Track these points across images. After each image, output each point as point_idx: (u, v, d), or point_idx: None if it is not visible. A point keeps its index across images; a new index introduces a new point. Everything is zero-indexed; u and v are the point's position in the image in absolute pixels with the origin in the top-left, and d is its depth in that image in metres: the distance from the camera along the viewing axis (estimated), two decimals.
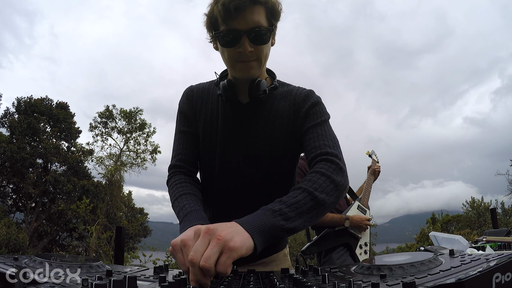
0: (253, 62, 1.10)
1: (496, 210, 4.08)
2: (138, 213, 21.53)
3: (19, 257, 0.86)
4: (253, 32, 1.04)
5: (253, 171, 1.22)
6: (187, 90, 1.30)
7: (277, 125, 1.20)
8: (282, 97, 1.23)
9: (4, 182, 18.37)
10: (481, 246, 2.08)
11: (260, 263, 1.29)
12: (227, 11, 1.00)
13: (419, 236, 15.36)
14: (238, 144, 1.21)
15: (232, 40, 1.05)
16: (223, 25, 1.05)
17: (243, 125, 1.21)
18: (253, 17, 1.03)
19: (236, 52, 1.07)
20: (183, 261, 0.77)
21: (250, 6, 1.02)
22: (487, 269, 0.61)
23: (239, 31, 1.04)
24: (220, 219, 1.24)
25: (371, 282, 0.65)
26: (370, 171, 3.05)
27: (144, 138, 20.18)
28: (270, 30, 1.08)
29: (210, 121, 1.23)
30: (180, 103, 1.30)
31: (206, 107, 1.25)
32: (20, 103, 19.00)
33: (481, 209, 15.95)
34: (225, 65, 1.19)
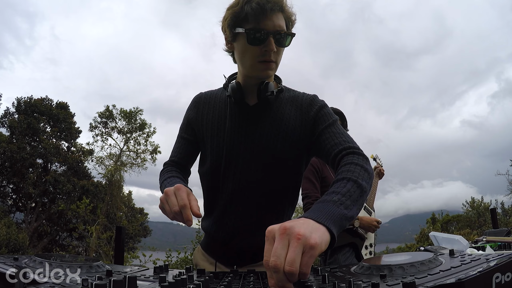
0: (272, 63, 1.16)
1: (496, 210, 4.08)
2: (138, 213, 21.52)
3: (19, 257, 0.86)
4: (278, 34, 1.12)
5: (259, 171, 1.24)
6: (195, 97, 1.38)
7: (283, 128, 1.23)
8: (288, 102, 1.27)
9: (4, 182, 18.37)
10: (481, 246, 2.08)
11: (260, 264, 1.28)
12: (263, 11, 1.08)
13: (419, 236, 15.35)
14: (245, 144, 1.24)
15: (260, 38, 1.11)
16: (251, 24, 1.11)
17: (251, 126, 1.24)
18: (279, 21, 1.12)
19: (260, 51, 1.13)
20: (169, 210, 0.96)
21: (277, 11, 1.12)
22: (487, 269, 0.61)
23: (267, 31, 1.10)
24: (225, 218, 1.29)
25: (371, 282, 0.65)
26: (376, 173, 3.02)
27: (144, 138, 20.18)
28: (292, 35, 1.16)
29: (218, 123, 1.28)
30: (187, 109, 1.38)
31: (214, 111, 1.31)
32: (20, 103, 19.00)
33: (481, 209, 15.94)
34: (240, 65, 1.23)
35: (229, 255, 1.30)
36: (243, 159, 1.24)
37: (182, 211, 0.95)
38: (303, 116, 1.24)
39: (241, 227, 1.26)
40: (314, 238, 0.69)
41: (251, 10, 1.08)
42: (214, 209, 1.31)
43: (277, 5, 1.11)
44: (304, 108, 1.25)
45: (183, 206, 0.95)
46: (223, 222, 1.28)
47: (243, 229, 1.27)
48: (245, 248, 1.28)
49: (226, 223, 1.28)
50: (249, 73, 1.21)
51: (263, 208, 1.26)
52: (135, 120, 19.95)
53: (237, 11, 1.12)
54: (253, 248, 1.26)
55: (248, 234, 1.26)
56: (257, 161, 1.23)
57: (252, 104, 1.25)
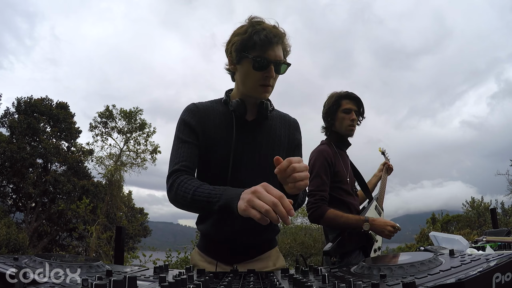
0: (270, 87, 1.34)
1: (496, 210, 4.07)
2: (138, 213, 21.51)
3: (19, 257, 0.87)
4: (278, 64, 1.30)
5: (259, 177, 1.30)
6: (191, 106, 1.42)
7: (276, 140, 1.45)
8: (277, 119, 1.50)
9: (4, 182, 18.36)
10: (481, 246, 2.07)
11: (257, 260, 1.44)
12: (269, 42, 1.26)
13: (419, 236, 15.34)
14: (248, 154, 1.38)
15: (264, 65, 1.28)
16: (257, 52, 1.27)
17: (251, 138, 1.40)
18: (279, 52, 1.31)
19: (262, 76, 1.30)
20: (261, 206, 0.92)
21: (279, 43, 1.30)
22: (487, 269, 0.61)
23: (269, 60, 1.28)
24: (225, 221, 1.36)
25: (371, 282, 0.65)
26: (384, 169, 2.78)
27: (144, 138, 20.16)
28: (288, 65, 1.34)
29: (221, 134, 1.37)
30: (183, 116, 1.40)
31: (214, 122, 1.39)
32: (20, 103, 18.98)
33: (481, 209, 15.93)
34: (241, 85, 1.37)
35: (227, 254, 1.40)
36: (246, 168, 1.37)
37: (274, 208, 0.90)
38: (290, 134, 1.50)
39: (240, 230, 1.37)
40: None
41: (259, 40, 1.25)
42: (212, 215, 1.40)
43: (280, 39, 1.30)
44: (292, 128, 1.52)
45: (275, 203, 0.91)
46: (222, 225, 1.37)
47: (241, 231, 1.37)
48: (242, 247, 1.41)
49: (226, 226, 1.36)
50: (249, 94, 1.37)
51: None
52: (135, 120, 19.94)
53: (245, 38, 1.28)
54: (250, 246, 1.43)
55: (246, 235, 1.39)
56: (257, 169, 1.39)
57: (250, 120, 1.41)
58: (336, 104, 2.36)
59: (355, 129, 2.39)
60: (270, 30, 1.27)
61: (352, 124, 2.34)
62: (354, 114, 2.33)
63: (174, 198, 1.23)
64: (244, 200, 0.97)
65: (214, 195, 1.10)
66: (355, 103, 2.36)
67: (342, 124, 2.35)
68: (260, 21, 1.30)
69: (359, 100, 2.38)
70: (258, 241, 1.46)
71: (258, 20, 1.31)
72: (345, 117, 2.33)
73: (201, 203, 1.13)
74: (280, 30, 1.31)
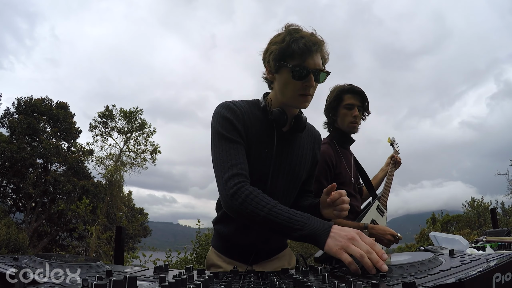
0: (309, 96, 1.31)
1: (496, 210, 4.06)
2: (138, 213, 21.51)
3: (19, 257, 0.87)
4: (317, 72, 1.27)
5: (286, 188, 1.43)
6: (230, 104, 1.33)
7: (303, 154, 1.47)
8: (306, 133, 1.50)
9: (4, 182, 18.35)
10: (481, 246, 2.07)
11: (274, 259, 1.52)
12: (308, 51, 1.23)
13: (419, 236, 15.33)
14: (282, 167, 1.39)
15: (303, 75, 1.25)
16: (296, 61, 1.25)
17: (286, 150, 1.41)
18: (318, 60, 1.28)
19: (301, 86, 1.27)
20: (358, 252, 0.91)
21: (318, 51, 1.27)
22: (487, 269, 0.61)
23: (309, 69, 1.25)
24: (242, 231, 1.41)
25: (371, 282, 0.65)
26: (392, 162, 2.55)
27: (144, 138, 20.16)
28: (328, 73, 1.31)
29: (261, 141, 1.34)
30: (226, 114, 1.30)
31: (255, 127, 1.35)
32: (20, 103, 18.98)
33: (481, 209, 15.92)
34: (280, 94, 1.34)
35: (246, 255, 1.42)
36: (273, 180, 1.37)
37: (369, 255, 0.89)
38: (313, 149, 1.53)
39: (263, 235, 1.40)
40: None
41: (298, 49, 1.23)
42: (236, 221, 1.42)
43: (319, 47, 1.27)
44: (316, 144, 1.55)
45: (369, 251, 0.91)
46: (247, 230, 1.39)
47: (264, 236, 1.42)
48: (262, 249, 1.45)
49: (251, 231, 1.39)
50: (288, 103, 1.35)
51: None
52: (135, 120, 19.94)
53: (283, 47, 1.26)
54: (269, 248, 1.50)
55: (268, 239, 1.44)
56: (283, 181, 1.41)
57: (285, 131, 1.41)
58: (338, 99, 2.19)
59: (359, 125, 2.23)
60: (309, 38, 1.24)
61: (354, 121, 2.17)
62: (357, 110, 2.17)
63: (239, 209, 1.12)
64: (338, 244, 0.95)
65: (296, 222, 1.04)
66: (359, 97, 2.19)
67: (344, 121, 2.19)
68: (297, 29, 1.28)
69: (363, 94, 2.20)
70: (276, 244, 1.53)
71: (296, 28, 1.29)
72: (347, 113, 2.17)
73: (277, 226, 1.06)
74: (319, 38, 1.28)
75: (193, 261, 7.89)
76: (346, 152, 2.30)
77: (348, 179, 2.21)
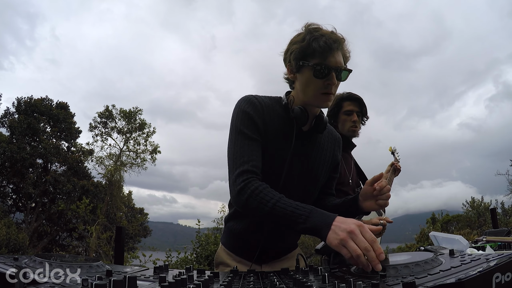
0: (332, 95, 1.29)
1: (496, 210, 4.07)
2: (138, 213, 21.52)
3: (19, 257, 0.86)
4: (339, 70, 1.25)
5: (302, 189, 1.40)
6: (252, 99, 1.33)
7: (323, 157, 1.44)
8: (326, 134, 1.48)
9: (4, 182, 18.35)
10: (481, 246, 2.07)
11: (284, 259, 1.52)
12: (329, 49, 1.22)
13: (419, 236, 15.33)
14: (301, 166, 1.38)
15: (325, 73, 1.23)
16: (317, 59, 1.23)
17: (304, 151, 1.39)
18: (340, 58, 1.26)
19: (323, 84, 1.25)
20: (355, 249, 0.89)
21: (339, 49, 1.25)
22: (487, 269, 0.61)
23: (330, 67, 1.23)
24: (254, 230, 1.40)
25: (371, 282, 0.65)
26: (392, 169, 2.72)
27: (143, 138, 20.17)
28: (349, 71, 1.28)
29: (280, 139, 1.33)
30: (246, 108, 1.30)
31: (274, 124, 1.34)
32: (20, 103, 18.98)
33: (481, 209, 15.93)
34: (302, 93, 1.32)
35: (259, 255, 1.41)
36: (290, 179, 1.35)
37: (366, 253, 0.87)
38: (334, 151, 1.50)
39: (276, 233, 1.40)
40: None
41: (319, 47, 1.21)
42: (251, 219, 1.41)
43: (340, 45, 1.25)
44: (336, 146, 1.52)
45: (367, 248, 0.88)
46: (260, 228, 1.39)
47: (277, 235, 1.42)
48: (272, 248, 1.46)
49: (262, 229, 1.38)
50: (310, 102, 1.32)
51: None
52: (135, 120, 19.94)
53: (304, 46, 1.24)
54: (279, 248, 1.50)
55: (280, 238, 1.44)
56: (301, 182, 1.39)
57: (305, 130, 1.39)
58: (337, 106, 2.37)
59: (359, 129, 2.40)
60: (329, 36, 1.23)
61: (354, 126, 2.35)
62: (356, 116, 2.35)
63: (246, 203, 1.15)
64: (338, 237, 0.93)
65: (299, 215, 1.05)
66: (357, 104, 2.37)
67: (344, 126, 2.36)
68: (317, 28, 1.27)
69: (361, 101, 2.39)
70: (287, 245, 1.53)
71: (315, 26, 1.27)
72: (347, 118, 2.35)
73: (282, 219, 1.08)
74: (339, 36, 1.27)
75: (193, 261, 7.90)
76: (347, 155, 2.44)
77: (347, 180, 2.32)
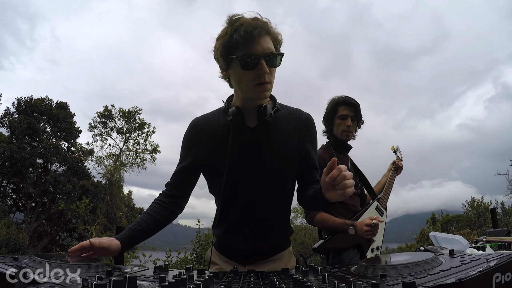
0: (268, 84, 1.22)
1: (496, 210, 4.07)
2: (138, 213, 21.51)
3: (19, 257, 0.86)
4: (268, 56, 1.18)
5: (265, 188, 1.34)
6: (192, 123, 1.40)
7: (283, 146, 1.33)
8: (285, 119, 1.36)
9: (4, 182, 18.35)
10: (481, 246, 2.08)
11: (269, 260, 1.43)
12: (251, 37, 1.15)
13: (419, 236, 15.33)
14: (251, 166, 1.32)
15: (253, 63, 1.17)
16: (242, 51, 1.17)
17: (254, 148, 1.32)
18: (267, 44, 1.19)
19: (255, 75, 1.19)
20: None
21: (264, 34, 1.19)
22: (487, 269, 0.61)
23: (258, 55, 1.17)
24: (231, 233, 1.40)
25: (371, 282, 0.65)
26: (394, 168, 2.75)
27: (143, 138, 20.19)
28: (281, 55, 1.22)
29: (219, 148, 1.31)
30: (184, 136, 1.41)
31: (214, 136, 1.34)
32: (20, 103, 18.98)
33: (481, 209, 15.92)
34: (237, 89, 1.29)
35: (242, 256, 1.42)
36: (250, 180, 1.32)
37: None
38: (300, 135, 1.36)
39: (251, 236, 1.38)
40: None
41: (240, 38, 1.15)
42: (226, 220, 1.42)
43: (263, 30, 1.18)
44: (304, 129, 1.37)
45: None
46: (234, 232, 1.40)
47: (254, 237, 1.39)
48: (255, 250, 1.41)
49: (237, 232, 1.39)
50: (247, 97, 1.28)
51: (270, 218, 1.40)
52: (134, 119, 19.95)
53: (227, 40, 1.19)
54: (263, 249, 1.42)
55: (258, 240, 1.39)
56: (262, 179, 1.32)
57: (252, 126, 1.32)
58: (333, 110, 2.42)
59: (352, 134, 2.44)
60: (249, 24, 1.16)
61: (348, 130, 2.38)
62: (350, 120, 2.38)
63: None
64: None
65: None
66: (352, 109, 2.40)
67: (338, 130, 2.41)
68: (238, 18, 1.20)
69: (356, 106, 2.40)
70: (272, 246, 1.46)
71: (236, 17, 1.21)
72: (341, 123, 2.39)
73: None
74: (262, 20, 1.20)
75: (193, 261, 7.89)
76: (343, 156, 2.46)
77: None
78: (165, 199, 1.39)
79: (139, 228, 1.31)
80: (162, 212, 1.37)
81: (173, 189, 1.40)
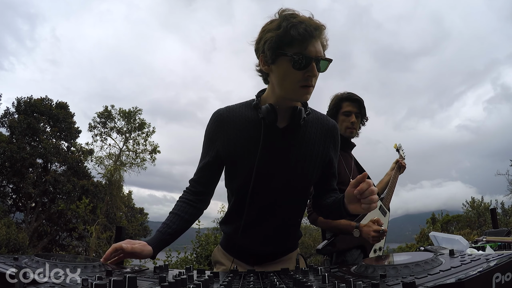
0: (312, 88, 1.19)
1: (496, 210, 4.06)
2: (138, 213, 21.53)
3: (19, 257, 0.86)
4: (319, 60, 1.15)
5: (287, 191, 1.33)
6: (215, 115, 1.34)
7: (309, 151, 1.31)
8: (314, 124, 1.34)
9: (4, 182, 18.36)
10: (481, 246, 2.07)
11: (278, 262, 1.42)
12: (310, 37, 1.11)
13: (419, 236, 15.33)
14: (277, 167, 1.28)
15: (305, 63, 1.13)
16: (296, 49, 1.12)
17: (281, 149, 1.28)
18: (320, 47, 1.16)
19: (302, 76, 1.15)
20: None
21: (318, 38, 1.15)
22: (487, 269, 0.61)
23: (310, 57, 1.13)
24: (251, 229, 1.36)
25: (371, 282, 0.65)
26: (397, 167, 2.68)
27: (143, 138, 20.20)
28: (330, 61, 1.18)
29: (248, 143, 1.28)
30: (207, 129, 1.35)
31: (241, 131, 1.29)
32: (20, 103, 18.99)
33: (481, 209, 15.91)
34: (278, 87, 1.22)
35: (251, 256, 1.40)
36: (273, 181, 1.29)
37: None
38: (325, 142, 1.34)
39: (265, 238, 1.37)
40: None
41: (299, 35, 1.10)
42: (239, 220, 1.35)
43: (320, 32, 1.14)
44: (329, 137, 1.35)
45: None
46: (249, 233, 1.35)
47: (267, 239, 1.37)
48: (266, 252, 1.41)
49: (251, 232, 1.35)
50: (287, 96, 1.22)
51: (287, 221, 1.39)
52: (134, 120, 19.96)
53: (280, 34, 1.13)
54: (274, 251, 1.42)
55: (271, 242, 1.38)
56: (286, 182, 1.30)
57: (281, 127, 1.28)
58: (336, 107, 2.36)
59: (357, 131, 2.38)
60: (309, 23, 1.12)
61: (352, 127, 2.33)
62: (354, 117, 2.33)
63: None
64: None
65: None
66: (356, 105, 2.34)
67: (341, 127, 2.33)
68: (294, 14, 1.15)
69: (361, 102, 2.35)
70: (283, 248, 1.45)
71: (292, 12, 1.16)
72: (345, 119, 2.33)
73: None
74: (319, 22, 1.15)
75: (193, 261, 7.89)
76: (347, 155, 2.41)
77: (347, 179, 2.27)
78: (191, 197, 1.35)
79: (169, 231, 1.28)
80: (190, 211, 1.33)
81: (198, 185, 1.36)
